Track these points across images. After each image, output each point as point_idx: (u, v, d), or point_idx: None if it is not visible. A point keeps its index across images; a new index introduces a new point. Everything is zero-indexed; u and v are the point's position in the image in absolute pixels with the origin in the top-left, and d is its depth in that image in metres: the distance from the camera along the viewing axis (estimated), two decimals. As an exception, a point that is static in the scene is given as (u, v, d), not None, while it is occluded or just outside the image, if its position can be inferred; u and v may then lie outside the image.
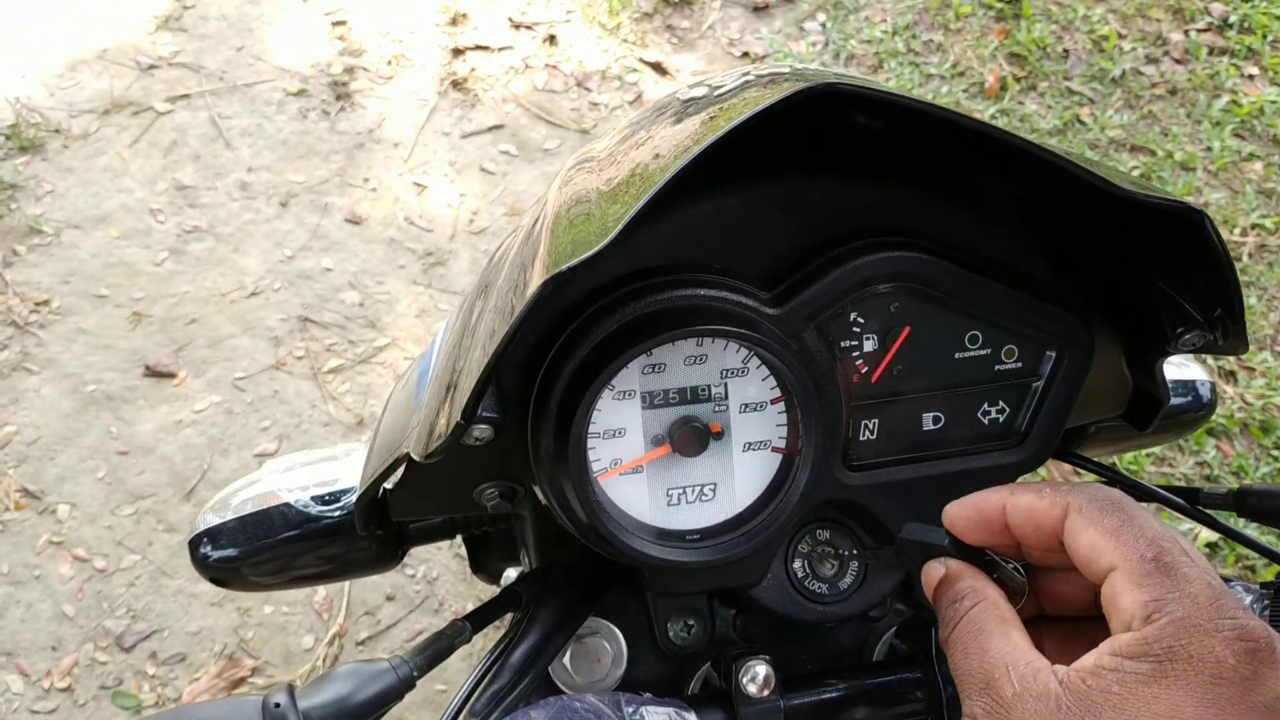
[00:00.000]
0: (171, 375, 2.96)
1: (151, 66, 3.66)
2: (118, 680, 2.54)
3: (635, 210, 0.60)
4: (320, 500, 1.00)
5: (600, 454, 0.74)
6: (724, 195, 0.75)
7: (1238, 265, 3.35)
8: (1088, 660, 0.55)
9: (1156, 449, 2.96)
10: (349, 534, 0.99)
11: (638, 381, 0.74)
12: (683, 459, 0.75)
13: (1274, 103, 3.72)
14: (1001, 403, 0.80)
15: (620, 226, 0.60)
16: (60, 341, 3.00)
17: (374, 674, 0.68)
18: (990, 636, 0.61)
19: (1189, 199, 0.71)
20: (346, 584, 2.66)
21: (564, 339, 0.73)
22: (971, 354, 0.78)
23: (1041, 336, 0.78)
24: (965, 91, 3.78)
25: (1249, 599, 0.71)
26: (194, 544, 1.01)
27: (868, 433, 0.79)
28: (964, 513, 0.68)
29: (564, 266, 0.61)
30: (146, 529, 2.73)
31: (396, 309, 3.12)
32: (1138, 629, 0.54)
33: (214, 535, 1.00)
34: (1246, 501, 0.80)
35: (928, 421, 0.79)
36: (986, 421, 0.80)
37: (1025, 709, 0.55)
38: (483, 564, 1.10)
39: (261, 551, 0.98)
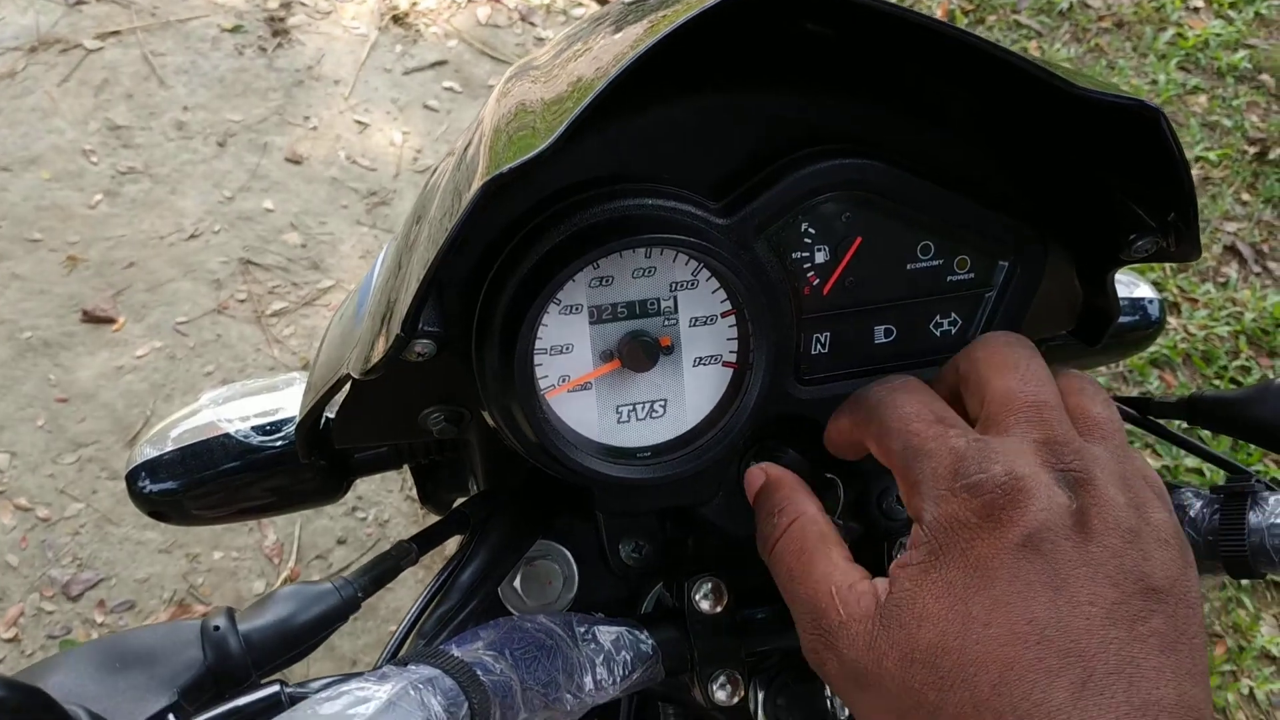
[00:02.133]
0: (110, 320, 2.89)
1: (79, 2, 3.53)
2: (65, 629, 2.50)
3: (578, 110, 0.58)
4: (261, 430, 0.97)
5: (547, 370, 0.73)
6: (673, 104, 0.72)
7: (1182, 197, 3.38)
8: (892, 568, 0.55)
9: (1101, 378, 3.00)
10: (291, 464, 0.97)
11: (585, 295, 0.72)
12: (632, 375, 0.74)
13: (1219, 35, 3.74)
14: (954, 314, 0.79)
15: (564, 127, 0.58)
16: (-7, 287, 2.92)
17: (317, 595, 0.66)
18: (813, 558, 0.61)
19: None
20: (297, 528, 2.64)
21: (508, 252, 0.71)
22: (924, 265, 0.77)
23: (994, 246, 0.77)
24: (914, 25, 3.75)
25: (1199, 504, 0.72)
26: (131, 477, 0.98)
27: (819, 346, 0.77)
28: (829, 439, 0.69)
29: (505, 167, 0.59)
30: (89, 477, 2.68)
31: (340, 250, 3.07)
32: (917, 521, 0.55)
33: (152, 468, 0.97)
34: (1197, 409, 0.80)
35: (879, 334, 0.78)
36: (939, 334, 0.79)
37: (850, 634, 0.55)
38: (431, 495, 1.08)
39: (202, 484, 0.96)
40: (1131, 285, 1.16)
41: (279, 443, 0.97)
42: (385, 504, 2.69)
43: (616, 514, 0.79)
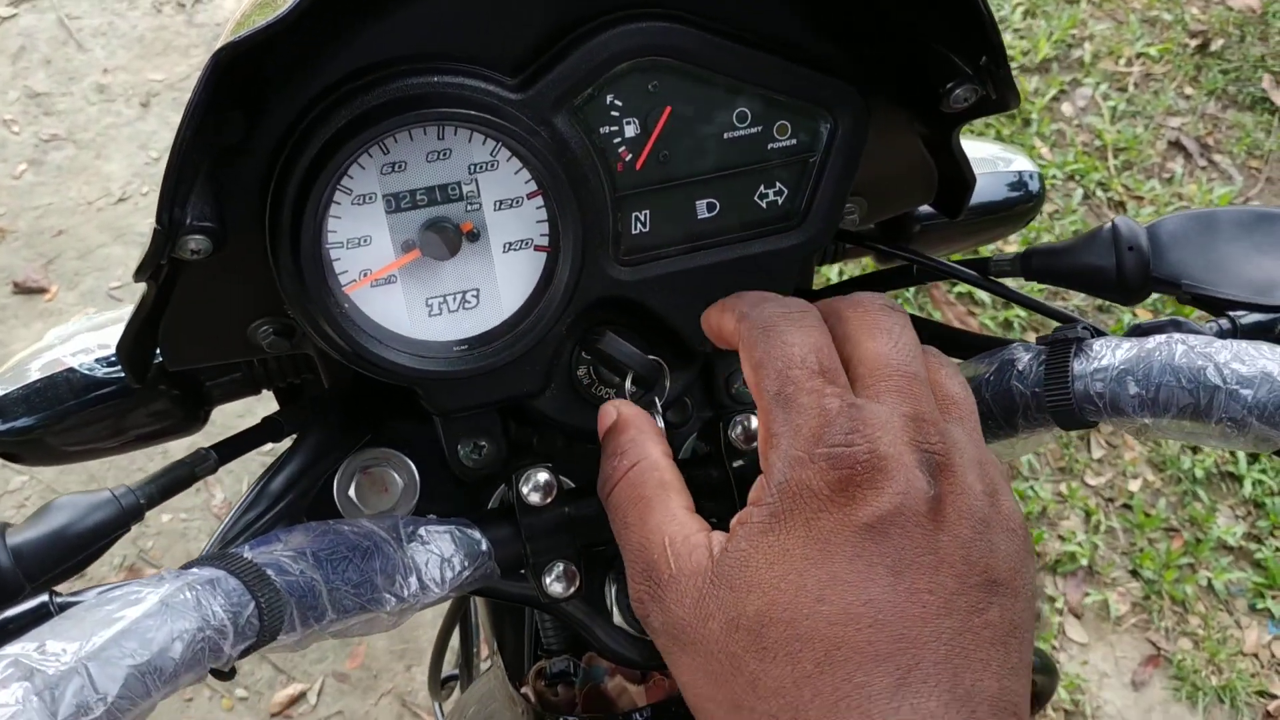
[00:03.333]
0: (43, 290, 2.84)
1: (-10, -31, 3.44)
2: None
3: None
4: (106, 362, 0.94)
5: (346, 265, 0.70)
6: None
7: (1123, 96, 3.35)
8: (732, 523, 0.53)
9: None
10: (142, 396, 0.94)
11: (378, 183, 0.69)
12: (439, 265, 0.71)
13: (1156, -72, 3.68)
14: (779, 183, 0.76)
15: None
16: (-81, 265, 2.87)
17: (94, 504, 0.64)
18: (650, 505, 0.58)
19: (1073, 30, 0.67)
20: (244, 485, 2.61)
21: (291, 143, 0.68)
22: (742, 132, 0.74)
23: (813, 108, 0.74)
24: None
25: (1026, 357, 0.69)
26: (-26, 419, 0.95)
27: (639, 225, 0.75)
28: (705, 321, 0.66)
29: (241, 34, 0.55)
30: (31, 449, 2.65)
31: (274, 204, 3.02)
32: (765, 475, 0.52)
33: (0, 408, 0.95)
34: (1030, 263, 0.77)
35: (702, 209, 0.75)
36: (764, 205, 0.76)
37: (678, 590, 0.53)
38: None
39: (51, 421, 0.93)
40: (1008, 160, 1.13)
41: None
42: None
43: (448, 413, 0.77)
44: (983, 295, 2.88)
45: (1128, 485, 2.75)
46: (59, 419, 0.94)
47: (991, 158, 1.14)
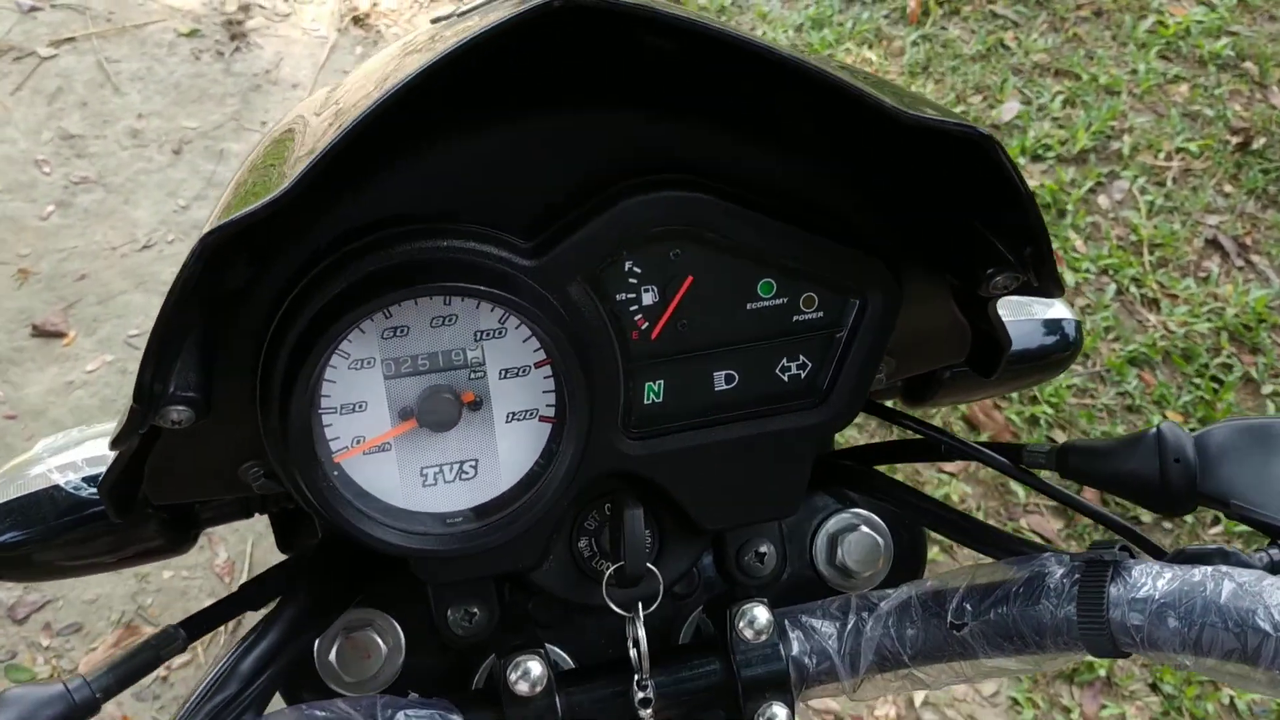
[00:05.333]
0: (61, 335, 2.83)
1: (33, 8, 3.47)
2: (11, 654, 2.44)
3: (306, 166, 0.52)
4: (92, 481, 0.90)
5: (339, 431, 0.66)
6: (482, 135, 0.65)
7: (1161, 191, 3.30)
8: None
9: (1078, 376, 2.92)
10: (129, 520, 0.90)
11: (378, 348, 0.65)
12: (436, 434, 0.67)
13: (1200, 22, 3.65)
14: (802, 357, 0.72)
15: (290, 181, 0.52)
16: (-59, 302, 2.86)
17: (43, 700, 0.59)
18: None
19: (1113, 122, 0.62)
20: (249, 545, 2.58)
21: (288, 304, 0.64)
22: (765, 304, 0.70)
23: (843, 283, 0.70)
24: (887, 17, 3.67)
25: (1059, 571, 0.64)
26: (-44, 531, 0.91)
27: (652, 396, 0.70)
28: None
29: (222, 222, 0.52)
30: (36, 496, 2.62)
31: (298, 258, 3.00)
32: None
33: (-19, 522, 0.91)
34: (1068, 460, 0.73)
35: (720, 380, 0.71)
36: (786, 378, 0.72)
37: None
38: (294, 542, 1.01)
39: (27, 542, 0.89)
40: (1045, 305, 1.09)
41: (112, 495, 0.90)
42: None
43: (436, 582, 0.73)
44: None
45: (1151, 594, 2.67)
46: (37, 540, 0.90)
47: (1028, 300, 1.09)
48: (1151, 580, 0.60)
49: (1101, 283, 3.09)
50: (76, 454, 0.92)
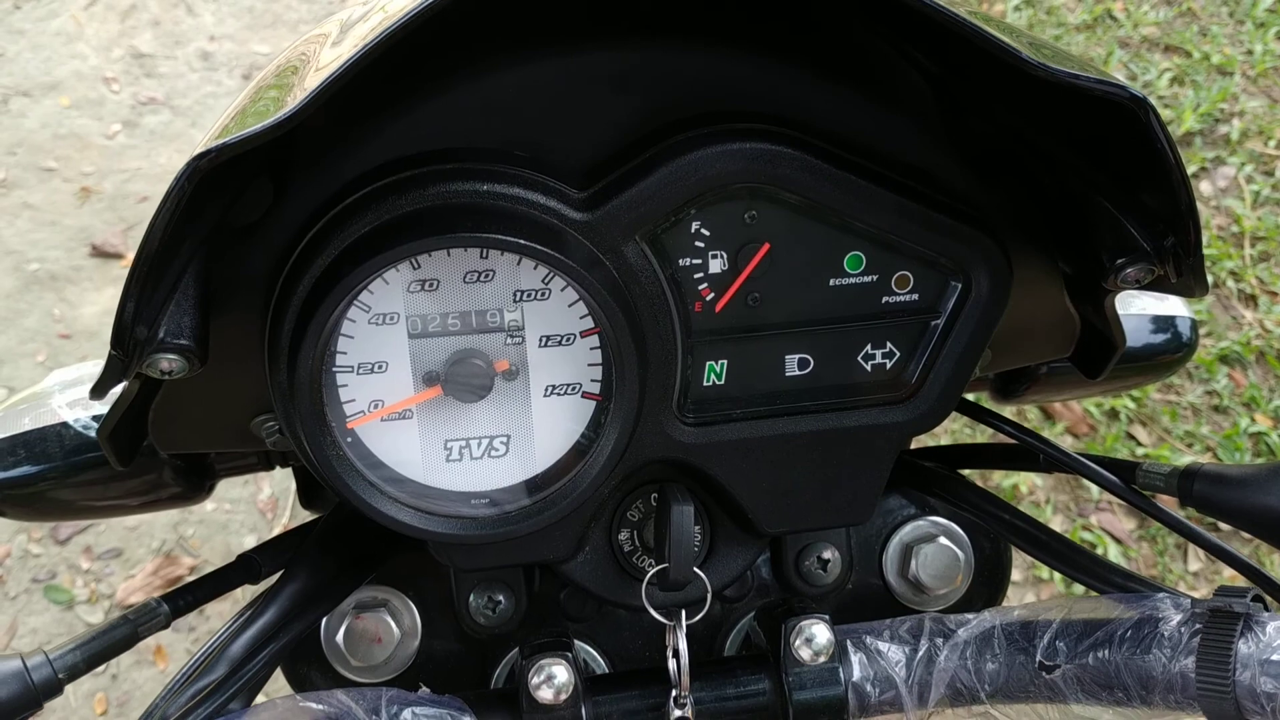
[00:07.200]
0: (119, 256, 2.80)
1: (113, -76, 3.42)
2: (51, 574, 2.44)
3: (324, 80, 0.43)
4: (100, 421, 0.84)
5: (355, 392, 0.58)
6: (536, 63, 0.57)
7: (1269, 181, 3.11)
8: None
9: (1161, 374, 2.77)
10: (138, 465, 0.83)
11: (402, 302, 0.57)
12: (464, 404, 0.59)
13: (1324, 3, 3.43)
14: (890, 344, 0.62)
15: (295, 107, 0.44)
16: (3, 216, 2.85)
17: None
18: None
19: (1223, 105, 0.52)
20: (293, 482, 2.55)
21: (305, 244, 0.56)
22: (851, 281, 0.61)
23: (945, 262, 0.60)
24: (988, -21, 3.49)
25: (1176, 618, 0.55)
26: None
27: (713, 377, 0.62)
28: None
29: (213, 145, 0.44)
30: (87, 417, 2.60)
31: (361, 194, 2.95)
32: None
33: (-16, 454, 0.85)
34: (1191, 486, 0.62)
35: (792, 365, 0.62)
36: (869, 368, 0.63)
37: None
38: (317, 496, 0.95)
39: (30, 479, 0.83)
40: (1159, 299, 0.98)
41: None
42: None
43: (457, 567, 0.65)
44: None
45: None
46: (39, 478, 0.84)
47: (1136, 291, 0.98)
48: (1293, 642, 0.51)
49: (1195, 273, 2.93)
50: (87, 390, 0.86)
